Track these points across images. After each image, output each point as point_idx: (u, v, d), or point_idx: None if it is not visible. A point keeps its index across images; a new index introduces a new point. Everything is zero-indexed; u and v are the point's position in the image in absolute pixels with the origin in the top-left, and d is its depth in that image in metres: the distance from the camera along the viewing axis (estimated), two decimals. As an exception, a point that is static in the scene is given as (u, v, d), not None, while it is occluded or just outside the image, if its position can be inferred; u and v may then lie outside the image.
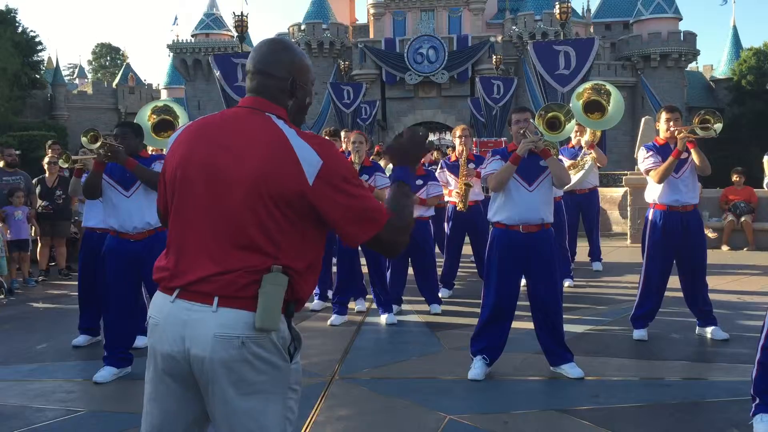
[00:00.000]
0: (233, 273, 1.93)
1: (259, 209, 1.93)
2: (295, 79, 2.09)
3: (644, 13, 46.14)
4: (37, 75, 45.76)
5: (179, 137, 2.12)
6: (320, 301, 6.98)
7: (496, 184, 4.62)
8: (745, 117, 42.91)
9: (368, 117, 29.62)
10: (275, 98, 2.07)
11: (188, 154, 2.03)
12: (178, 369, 1.98)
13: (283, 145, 1.95)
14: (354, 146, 6.27)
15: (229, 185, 1.95)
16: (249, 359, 1.92)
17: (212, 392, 1.95)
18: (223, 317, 1.91)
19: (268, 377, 1.95)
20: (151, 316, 2.05)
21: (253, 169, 1.93)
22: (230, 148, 1.98)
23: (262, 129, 1.99)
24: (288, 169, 1.93)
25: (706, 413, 4.01)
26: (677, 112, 5.51)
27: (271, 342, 1.94)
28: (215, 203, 1.97)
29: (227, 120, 2.06)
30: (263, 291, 1.90)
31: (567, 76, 13.45)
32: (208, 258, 1.95)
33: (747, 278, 8.14)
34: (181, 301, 1.96)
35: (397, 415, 4.08)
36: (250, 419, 1.95)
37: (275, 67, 2.08)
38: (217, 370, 1.91)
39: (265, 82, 2.08)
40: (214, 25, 50.53)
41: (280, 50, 2.10)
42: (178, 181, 2.03)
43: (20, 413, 4.18)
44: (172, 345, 1.96)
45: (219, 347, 1.90)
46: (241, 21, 16.65)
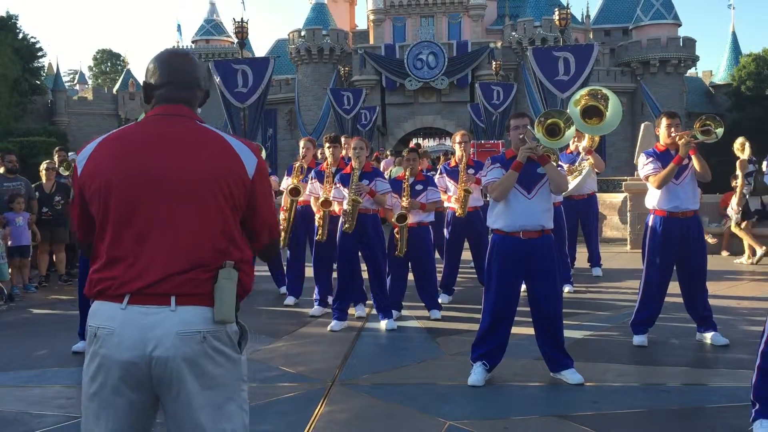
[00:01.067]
0: (190, 272, 2.00)
1: (211, 207, 2.04)
2: (208, 91, 2.28)
3: (643, 19, 46.20)
4: (38, 81, 45.77)
5: (99, 149, 2.12)
6: (320, 306, 6.97)
7: (499, 194, 4.62)
8: (745, 123, 42.88)
9: (368, 123, 29.66)
10: (194, 107, 2.21)
11: (126, 163, 2.06)
12: (139, 375, 2.00)
13: (224, 145, 2.11)
14: (355, 152, 6.28)
15: (180, 187, 2.03)
16: (209, 353, 2.01)
17: (176, 391, 1.99)
18: (182, 315, 1.99)
19: (225, 370, 2.05)
20: (100, 326, 2.02)
21: (202, 169, 2.05)
22: (174, 152, 2.06)
23: (202, 132, 2.12)
24: (233, 166, 2.09)
25: (705, 419, 4.01)
26: (677, 117, 5.52)
27: (227, 335, 2.05)
28: (170, 205, 2.03)
29: (163, 127, 2.12)
30: (219, 286, 2.01)
31: (566, 82, 13.50)
32: (161, 260, 2.00)
33: (746, 284, 8.14)
34: (134, 306, 1.99)
35: (397, 421, 4.08)
36: (214, 411, 2.02)
37: (202, 81, 2.24)
38: (181, 368, 1.97)
39: (195, 94, 2.21)
40: (214, 31, 50.62)
41: (200, 64, 2.31)
42: (118, 190, 2.04)
43: (20, 419, 4.18)
44: (132, 351, 1.98)
45: (182, 344, 1.97)
46: (241, 27, 16.70)
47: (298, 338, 6.10)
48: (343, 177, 6.33)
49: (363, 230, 6.24)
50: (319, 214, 6.68)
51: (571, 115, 5.36)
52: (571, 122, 5.22)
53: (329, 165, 6.75)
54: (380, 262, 6.39)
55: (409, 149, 7.29)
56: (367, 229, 6.26)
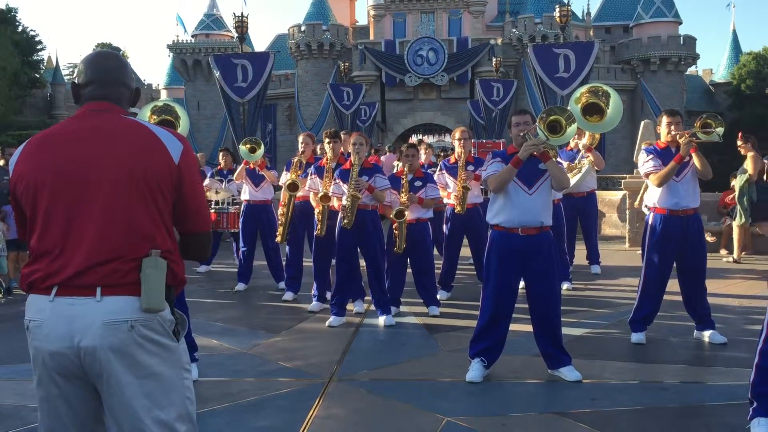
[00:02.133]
0: (114, 261, 2.03)
1: (136, 196, 2.07)
2: (138, 90, 2.33)
3: (644, 17, 46.17)
4: (37, 74, 45.74)
5: (26, 150, 2.17)
6: (318, 302, 6.97)
7: (496, 186, 4.62)
8: (745, 121, 42.90)
9: (368, 118, 29.63)
10: (123, 104, 2.25)
11: (52, 159, 2.10)
12: (69, 366, 2.03)
13: (147, 133, 2.15)
14: (354, 148, 6.27)
15: (110, 177, 2.06)
16: (139, 341, 2.02)
17: (107, 382, 2.01)
18: (108, 305, 2.01)
19: (161, 359, 2.06)
20: (31, 319, 2.07)
21: (126, 157, 2.08)
22: (103, 143, 2.10)
23: (125, 124, 2.17)
24: (157, 152, 2.12)
25: (703, 417, 4.00)
26: (678, 116, 5.51)
27: (159, 324, 2.06)
28: (96, 197, 2.06)
29: (87, 122, 2.17)
30: (145, 274, 2.03)
31: (566, 79, 13.47)
32: (86, 251, 2.03)
33: (745, 282, 8.14)
34: (61, 298, 2.02)
35: (394, 416, 4.07)
36: (150, 401, 2.03)
37: (128, 79, 2.29)
38: (110, 358, 1.99)
39: (121, 90, 2.25)
40: (214, 25, 50.51)
41: (127, 63, 2.36)
42: (43, 186, 2.08)
43: (17, 413, 4.18)
44: (61, 342, 2.01)
45: (108, 334, 1.99)
46: (242, 22, 16.64)
47: (297, 334, 6.10)
48: (342, 173, 6.32)
49: (362, 226, 6.23)
50: (319, 209, 6.67)
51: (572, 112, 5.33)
52: (572, 119, 5.20)
53: (329, 160, 6.74)
54: (379, 258, 6.39)
55: (408, 145, 7.28)
56: (366, 225, 6.25)
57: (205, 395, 4.36)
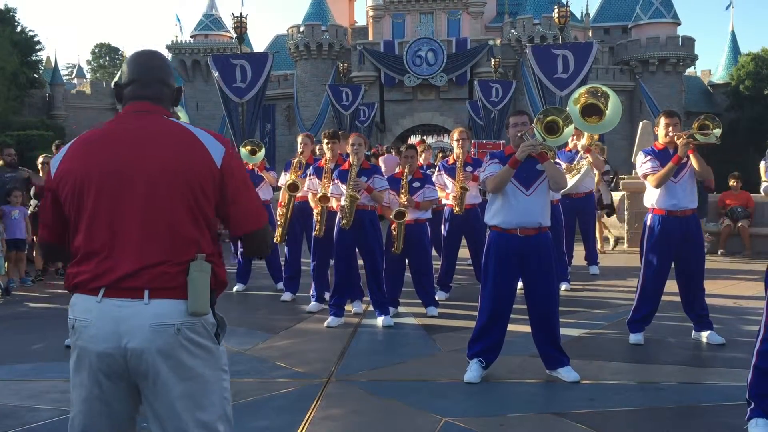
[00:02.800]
0: (162, 265, 2.04)
1: (180, 199, 2.08)
2: (180, 89, 2.33)
3: (643, 18, 46.21)
4: (36, 75, 45.66)
5: (72, 151, 2.18)
6: (317, 303, 6.97)
7: (494, 187, 4.62)
8: (743, 122, 42.96)
9: (367, 119, 29.65)
10: (165, 104, 2.26)
11: (97, 161, 2.11)
12: (115, 366, 2.04)
13: (189, 136, 2.15)
14: (353, 148, 6.27)
15: (152, 180, 2.08)
16: (184, 344, 2.04)
17: (153, 383, 2.04)
18: (156, 308, 2.02)
19: (203, 361, 2.08)
20: (77, 319, 2.08)
21: (168, 160, 2.09)
22: (146, 146, 2.11)
23: (167, 126, 2.17)
24: (199, 155, 2.12)
25: (701, 417, 4.01)
26: (676, 117, 5.51)
27: (203, 326, 2.09)
28: (139, 200, 2.07)
29: (131, 123, 2.18)
30: (192, 278, 2.05)
31: (565, 80, 13.48)
32: (135, 253, 2.05)
33: (743, 283, 8.14)
34: (109, 299, 2.03)
35: (393, 417, 4.08)
36: (192, 402, 2.06)
37: (169, 77, 2.29)
38: (156, 360, 2.01)
39: (162, 90, 2.26)
40: (213, 26, 50.49)
41: (168, 62, 2.35)
42: (90, 187, 2.09)
43: (15, 413, 4.17)
44: (109, 343, 2.02)
45: (156, 336, 2.01)
46: (240, 22, 16.65)
47: (295, 334, 6.10)
48: (341, 173, 6.32)
49: (360, 227, 6.23)
50: (317, 209, 6.67)
51: (571, 113, 5.34)
52: (570, 120, 5.21)
53: (327, 161, 6.74)
54: (377, 259, 6.39)
55: (408, 146, 7.28)
56: (364, 226, 6.25)
57: (204, 396, 4.36)
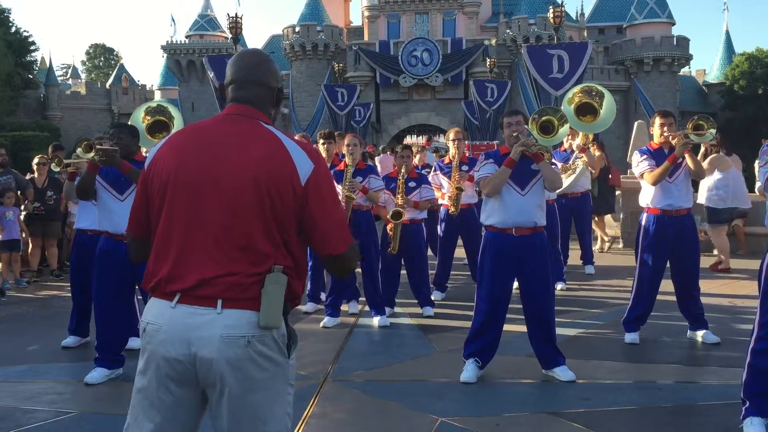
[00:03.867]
0: (237, 275, 1.99)
1: (260, 210, 2.01)
2: (281, 89, 2.23)
3: (638, 18, 46.32)
4: (30, 75, 45.57)
5: (168, 144, 2.15)
6: (313, 303, 6.97)
7: (491, 189, 4.61)
8: (737, 122, 43.09)
9: (362, 119, 29.66)
10: (262, 106, 2.17)
11: (184, 160, 2.07)
12: (184, 373, 2.01)
13: (279, 147, 2.06)
14: (348, 149, 6.27)
15: (232, 187, 2.02)
16: (254, 357, 1.99)
17: (219, 392, 2.00)
18: (228, 318, 1.97)
19: (270, 374, 2.03)
20: (149, 322, 2.05)
21: (254, 170, 2.01)
22: (230, 152, 2.05)
23: (257, 133, 2.08)
24: (285, 169, 2.03)
25: (697, 416, 4.02)
26: (671, 116, 5.53)
27: (273, 339, 2.03)
28: (217, 206, 2.02)
29: (222, 126, 2.12)
30: (266, 291, 1.99)
31: (560, 80, 13.52)
32: (210, 261, 2.00)
33: (738, 282, 8.17)
34: (183, 306, 2.00)
35: (389, 417, 4.08)
36: (256, 415, 2.02)
37: (267, 78, 2.19)
38: (225, 370, 1.97)
39: (257, 92, 2.17)
40: (208, 26, 50.46)
41: (268, 61, 2.24)
42: (173, 187, 2.05)
43: (10, 415, 4.16)
44: (179, 349, 1.99)
45: (226, 348, 1.96)
46: (236, 22, 16.66)
47: (291, 334, 6.09)
48: (336, 173, 6.32)
49: (356, 227, 6.22)
50: (313, 210, 6.66)
51: (566, 113, 5.35)
52: (564, 120, 5.23)
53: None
54: (373, 259, 6.38)
55: (403, 146, 7.28)
56: (360, 226, 6.24)
57: (199, 396, 4.36)
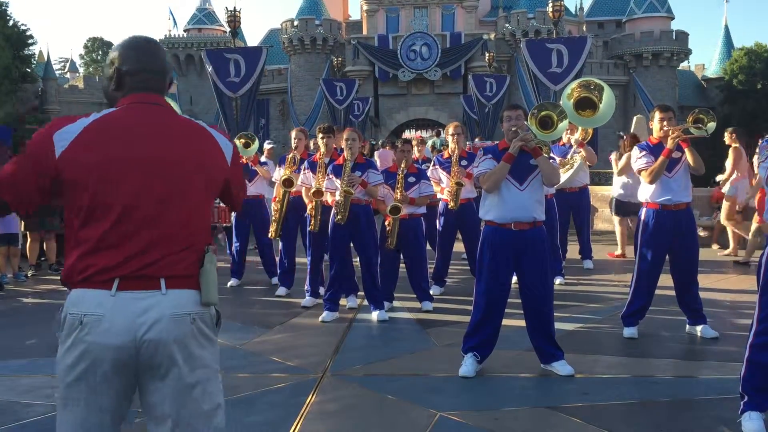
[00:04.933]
0: (178, 254, 2.06)
1: (198, 192, 2.12)
2: (172, 79, 2.31)
3: (637, 12, 46.25)
4: (28, 69, 45.39)
5: (85, 136, 2.05)
6: (311, 297, 6.97)
7: (490, 185, 4.61)
8: (736, 116, 43.04)
9: (361, 113, 29.61)
10: (164, 95, 2.24)
11: (112, 153, 2.04)
12: (126, 360, 2.02)
13: (206, 134, 2.19)
14: (347, 143, 6.25)
15: (172, 173, 2.08)
16: (196, 335, 2.07)
17: (164, 373, 2.03)
18: (174, 298, 2.04)
19: (208, 352, 2.11)
20: (86, 314, 2.00)
21: (192, 155, 2.11)
22: (165, 139, 2.11)
23: (183, 122, 2.18)
24: (217, 154, 2.19)
25: (695, 411, 4.02)
26: (670, 111, 5.52)
27: (210, 317, 2.13)
28: (158, 192, 2.06)
29: (145, 116, 2.14)
30: (205, 270, 2.09)
31: (559, 74, 13.49)
32: (150, 245, 2.04)
33: (736, 277, 8.18)
34: (124, 292, 2.01)
35: (388, 411, 4.08)
36: (200, 392, 2.07)
37: (168, 67, 2.27)
38: (173, 350, 2.02)
39: (164, 81, 2.23)
40: (206, 20, 50.31)
41: (164, 50, 2.29)
42: (109, 179, 2.03)
43: (9, 408, 4.17)
44: (124, 336, 2.00)
45: (174, 327, 2.03)
46: (234, 16, 16.61)
47: (290, 329, 6.10)
48: (335, 168, 6.31)
49: (355, 221, 6.22)
50: (311, 204, 6.66)
51: (565, 107, 5.34)
52: (564, 115, 5.21)
53: (322, 156, 6.73)
54: (372, 254, 6.38)
55: (403, 140, 7.27)
56: (359, 221, 6.24)
57: (198, 391, 4.35)
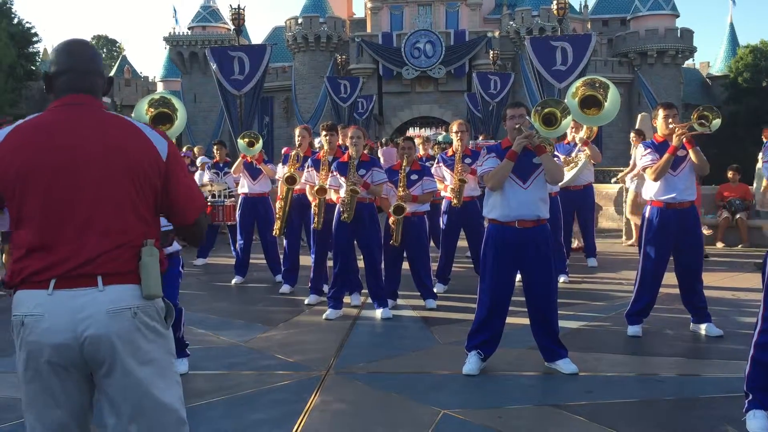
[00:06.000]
0: (114, 250, 2.06)
1: (130, 190, 2.11)
2: (111, 79, 2.32)
3: (641, 10, 46.13)
4: (33, 67, 45.50)
5: (9, 141, 2.09)
6: (315, 295, 6.97)
7: (494, 184, 4.60)
8: (741, 114, 42.96)
9: (365, 111, 29.62)
10: (98, 95, 2.24)
11: (41, 156, 2.07)
12: (71, 356, 2.04)
13: (136, 130, 2.18)
14: (352, 141, 6.25)
15: (98, 171, 2.08)
16: (140, 328, 2.08)
17: (110, 369, 2.04)
18: (111, 294, 2.05)
19: (157, 345, 2.12)
20: (26, 314, 2.05)
21: (121, 153, 2.11)
22: (91, 139, 2.10)
23: (109, 119, 2.18)
24: (147, 150, 2.16)
25: (699, 409, 4.01)
26: (674, 108, 5.51)
27: (156, 311, 2.13)
28: (87, 192, 2.07)
29: (72, 116, 2.14)
30: (144, 263, 2.09)
31: (564, 72, 13.48)
32: (85, 243, 2.05)
33: (741, 275, 8.15)
34: (61, 291, 2.03)
35: (391, 409, 4.08)
36: (151, 386, 2.08)
37: (101, 68, 2.27)
38: (115, 345, 2.03)
39: (97, 81, 2.23)
40: (210, 17, 50.32)
41: (97, 53, 2.31)
42: (35, 183, 2.06)
43: (13, 405, 4.16)
44: (65, 333, 2.02)
45: (113, 322, 2.03)
46: (238, 14, 16.62)
47: (294, 327, 6.10)
48: (339, 165, 6.30)
49: (359, 219, 6.21)
50: (315, 202, 6.66)
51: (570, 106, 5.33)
52: (567, 112, 5.19)
53: (326, 153, 6.72)
54: (376, 251, 6.38)
55: (405, 138, 7.26)
56: (363, 218, 6.24)
57: (201, 388, 4.36)
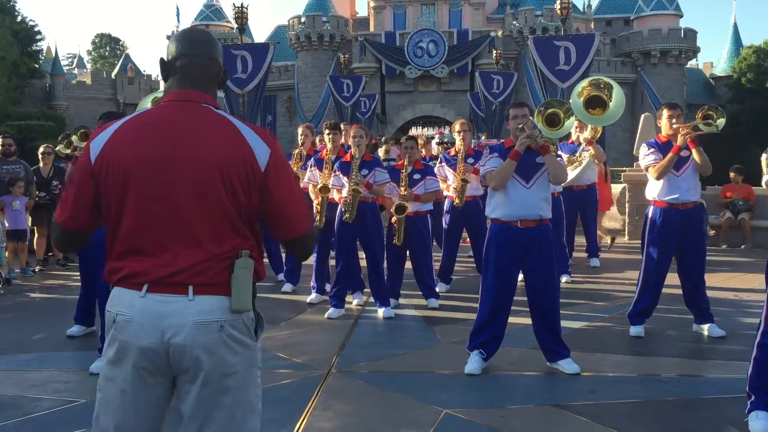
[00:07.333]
0: (206, 262, 2.01)
1: (225, 198, 2.03)
2: (226, 71, 2.23)
3: (645, 10, 46.05)
4: (36, 65, 45.60)
5: (117, 138, 2.06)
6: (318, 294, 6.97)
7: (497, 183, 4.60)
8: (745, 115, 42.85)
9: (368, 110, 29.61)
10: (208, 88, 2.15)
11: (142, 154, 2.02)
12: (158, 362, 2.02)
13: (236, 134, 2.07)
14: (354, 140, 6.25)
15: (195, 176, 2.01)
16: (227, 341, 2.03)
17: (193, 376, 2.01)
18: (200, 305, 2.00)
19: (242, 357, 2.06)
20: (119, 313, 2.03)
21: (215, 158, 2.02)
22: (189, 141, 2.03)
23: (212, 120, 2.08)
24: (245, 157, 2.04)
25: (701, 410, 4.01)
26: (678, 108, 5.50)
27: (244, 323, 2.07)
28: (182, 196, 2.01)
29: (176, 115, 2.08)
30: (236, 275, 2.03)
31: (567, 72, 13.43)
32: (179, 249, 2.01)
33: (744, 276, 8.14)
34: (153, 294, 2.00)
35: (393, 408, 4.08)
36: (232, 398, 2.05)
37: (218, 56, 2.17)
38: (199, 356, 1.99)
39: (209, 71, 2.16)
40: (213, 16, 50.33)
41: (214, 41, 2.20)
42: (135, 182, 2.02)
43: (16, 403, 4.18)
44: (152, 338, 1.99)
45: (199, 333, 1.99)
46: (241, 12, 16.61)
47: (296, 326, 6.11)
48: (342, 165, 6.30)
49: (361, 218, 6.22)
50: (317, 200, 6.66)
51: (575, 106, 5.34)
52: (571, 112, 5.21)
53: (328, 152, 6.73)
54: (378, 251, 6.38)
55: (407, 137, 7.26)
56: (365, 218, 6.24)
57: (204, 386, 4.36)
